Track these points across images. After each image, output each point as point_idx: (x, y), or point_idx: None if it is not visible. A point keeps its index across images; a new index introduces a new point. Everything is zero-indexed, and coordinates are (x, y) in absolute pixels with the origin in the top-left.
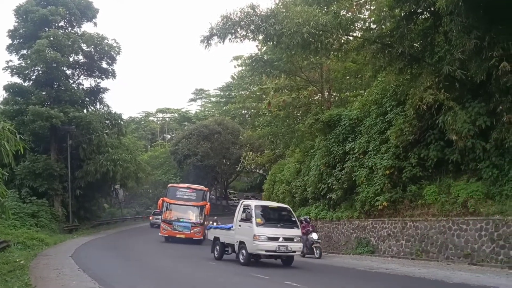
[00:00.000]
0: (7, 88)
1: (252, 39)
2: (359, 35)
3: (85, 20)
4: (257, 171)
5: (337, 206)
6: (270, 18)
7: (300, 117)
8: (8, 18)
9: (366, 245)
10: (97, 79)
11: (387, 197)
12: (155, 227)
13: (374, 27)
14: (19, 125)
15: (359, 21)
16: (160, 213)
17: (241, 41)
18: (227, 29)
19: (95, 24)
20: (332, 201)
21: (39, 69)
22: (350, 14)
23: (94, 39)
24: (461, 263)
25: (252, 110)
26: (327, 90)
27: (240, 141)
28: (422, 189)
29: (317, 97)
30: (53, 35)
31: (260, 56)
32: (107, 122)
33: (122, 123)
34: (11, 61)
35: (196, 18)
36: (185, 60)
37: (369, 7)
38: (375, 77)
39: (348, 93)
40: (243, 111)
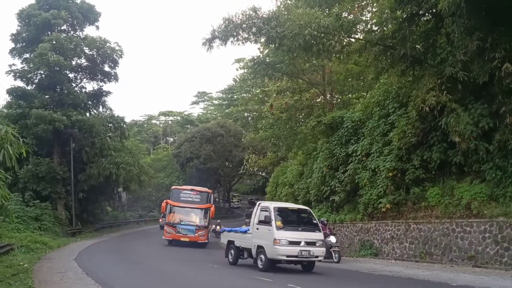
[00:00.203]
0: (10, 91)
1: (254, 41)
2: (361, 37)
3: (88, 24)
4: (260, 173)
5: (340, 208)
6: (272, 21)
7: (302, 120)
8: (11, 22)
9: (370, 247)
10: (99, 82)
11: (390, 199)
12: None
13: (376, 29)
14: (22, 128)
15: (361, 23)
16: None
17: (243, 43)
18: (229, 31)
19: (98, 27)
20: (335, 204)
21: (42, 72)
22: (352, 16)
23: (96, 42)
24: (465, 265)
25: (255, 113)
26: (329, 92)
27: (243, 143)
28: (426, 191)
29: (319, 99)
30: (55, 38)
31: (262, 59)
32: (110, 125)
33: (124, 126)
34: (14, 65)
35: (199, 21)
36: (188, 63)
37: (370, 9)
38: (377, 79)
39: (350, 95)
40: (246, 114)
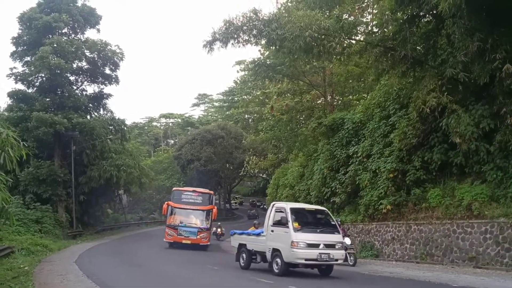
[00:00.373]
0: (11, 94)
1: (254, 43)
2: (361, 39)
3: (89, 27)
4: (261, 175)
5: (341, 210)
6: (272, 23)
7: (303, 121)
8: (11, 25)
9: (370, 248)
10: (100, 85)
11: (391, 201)
12: None
13: (377, 30)
14: (23, 131)
15: (362, 25)
16: None
17: (243, 45)
18: (230, 33)
19: (98, 30)
20: (336, 205)
21: (43, 75)
22: (352, 17)
23: (97, 45)
24: (466, 266)
25: (255, 115)
26: (330, 94)
27: (243, 145)
28: (426, 192)
29: (320, 101)
30: (56, 41)
31: (262, 61)
32: (110, 127)
33: (125, 128)
34: (15, 68)
35: (199, 23)
36: (188, 65)
37: (371, 10)
38: (378, 81)
39: (351, 97)
40: (246, 116)
